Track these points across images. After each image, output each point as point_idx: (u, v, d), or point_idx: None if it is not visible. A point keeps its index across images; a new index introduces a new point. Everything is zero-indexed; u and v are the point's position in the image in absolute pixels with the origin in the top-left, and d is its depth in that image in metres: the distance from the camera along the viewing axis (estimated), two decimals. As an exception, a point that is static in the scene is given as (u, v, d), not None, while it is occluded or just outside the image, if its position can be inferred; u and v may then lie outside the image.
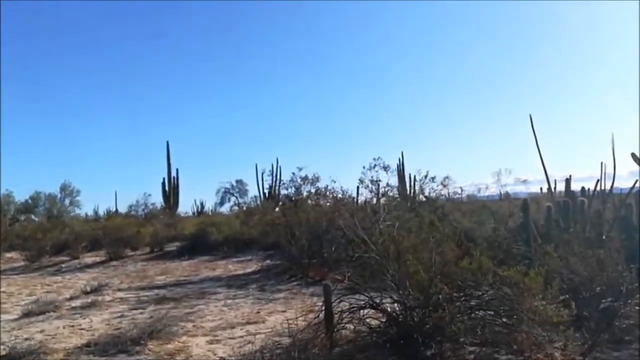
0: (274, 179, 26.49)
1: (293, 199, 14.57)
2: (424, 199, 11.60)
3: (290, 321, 6.28)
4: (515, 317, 5.36)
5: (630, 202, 10.57)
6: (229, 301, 9.45)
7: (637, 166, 12.19)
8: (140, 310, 8.88)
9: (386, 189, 12.58)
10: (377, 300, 5.96)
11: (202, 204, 33.56)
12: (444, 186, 14.13)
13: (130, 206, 29.82)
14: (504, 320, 5.49)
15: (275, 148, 52.73)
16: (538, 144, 12.29)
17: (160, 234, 20.20)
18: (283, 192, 18.63)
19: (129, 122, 52.02)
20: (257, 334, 6.88)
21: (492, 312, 5.62)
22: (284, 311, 8.22)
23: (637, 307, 6.27)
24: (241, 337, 6.83)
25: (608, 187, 11.87)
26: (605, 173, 12.17)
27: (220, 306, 9.00)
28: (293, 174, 15.42)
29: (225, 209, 35.13)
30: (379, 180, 12.95)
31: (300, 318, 6.40)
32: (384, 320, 5.92)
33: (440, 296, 5.27)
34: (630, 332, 6.07)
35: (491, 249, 6.55)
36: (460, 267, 5.27)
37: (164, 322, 7.17)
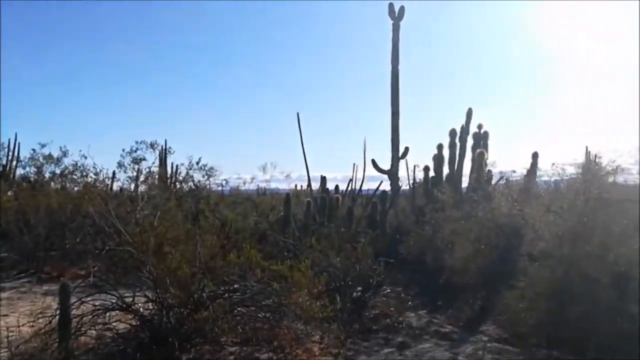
0: (10, 156, 22.28)
1: (31, 180, 12.28)
2: (189, 189, 10.98)
3: (11, 329, 5.01)
4: (278, 312, 5.19)
5: (376, 202, 11.72)
6: None
7: (377, 171, 13.76)
8: None
9: (147, 175, 11.54)
10: (129, 300, 5.14)
11: None
12: (209, 177, 13.65)
13: None
14: (266, 315, 5.28)
15: (16, 121, 44.90)
16: (303, 142, 12.80)
17: None
18: (20, 171, 15.65)
19: None
20: (-38, 348, 5.33)
21: (254, 308, 5.37)
22: (6, 315, 6.65)
23: (384, 298, 6.78)
24: (-63, 353, 5.21)
25: (358, 187, 13.01)
26: (356, 174, 13.30)
27: None
28: (33, 150, 13.02)
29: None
30: (144, 158, 11.76)
31: (27, 324, 5.16)
32: (135, 323, 5.13)
33: (204, 294, 4.75)
34: (377, 321, 6.48)
35: (259, 242, 6.31)
36: (227, 261, 4.84)
37: None
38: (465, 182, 11.74)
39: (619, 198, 6.63)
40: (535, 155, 10.39)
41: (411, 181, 13.00)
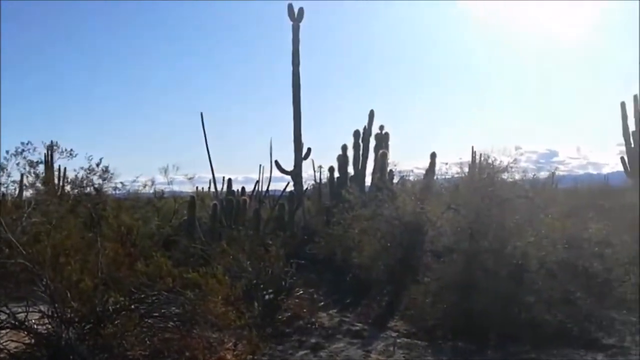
0: None
1: None
2: (86, 193, 10.16)
3: None
4: (189, 321, 4.97)
5: (283, 203, 11.69)
6: None
7: (280, 172, 13.76)
8: None
9: (34, 180, 10.51)
10: (22, 317, 4.66)
11: None
12: (104, 180, 12.78)
13: None
14: (176, 324, 5.04)
15: None
16: (207, 142, 12.47)
17: None
18: None
19: None
20: None
21: (163, 318, 5.10)
22: None
23: (297, 300, 6.75)
24: None
25: (265, 188, 12.90)
26: (262, 175, 13.19)
27: None
28: None
29: None
30: (41, 161, 10.63)
31: None
32: (30, 341, 4.66)
33: (110, 306, 4.42)
34: (290, 323, 6.44)
35: (165, 248, 6.02)
36: (134, 271, 4.54)
37: None
38: (368, 182, 12.10)
39: (511, 195, 7.15)
40: (433, 155, 10.95)
41: (316, 182, 13.15)
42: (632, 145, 18.85)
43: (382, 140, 11.91)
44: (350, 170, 12.15)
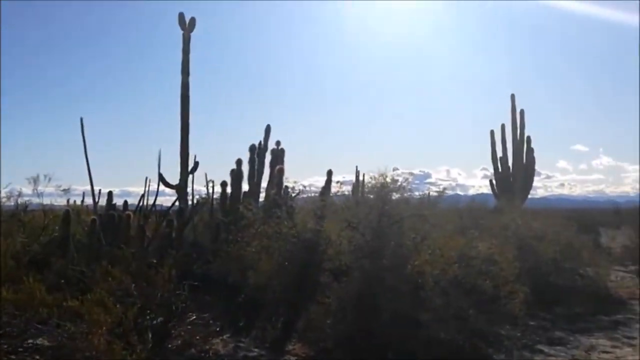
0: None
1: None
2: None
3: None
4: (63, 357, 4.31)
5: (171, 219, 10.93)
6: None
7: (164, 186, 12.96)
8: None
9: None
10: None
11: None
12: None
13: None
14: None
15: None
16: (87, 151, 11.40)
17: None
18: None
19: None
20: None
21: (30, 353, 4.37)
22: None
23: (189, 326, 6.20)
24: None
25: (151, 202, 12.01)
26: (148, 189, 12.27)
27: None
28: None
29: None
30: None
31: None
32: None
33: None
34: (182, 352, 5.89)
35: (37, 270, 5.22)
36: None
37: None
38: (262, 198, 11.80)
39: (406, 214, 7.27)
40: (329, 173, 10.94)
41: (207, 196, 12.54)
42: (500, 170, 20.67)
43: (278, 155, 11.71)
44: (244, 185, 11.77)
